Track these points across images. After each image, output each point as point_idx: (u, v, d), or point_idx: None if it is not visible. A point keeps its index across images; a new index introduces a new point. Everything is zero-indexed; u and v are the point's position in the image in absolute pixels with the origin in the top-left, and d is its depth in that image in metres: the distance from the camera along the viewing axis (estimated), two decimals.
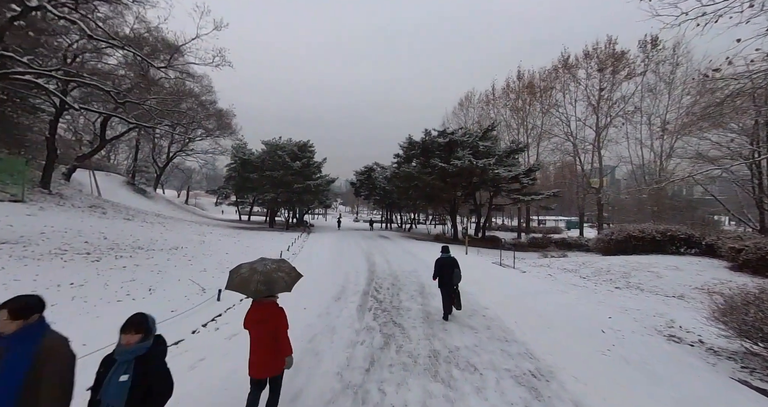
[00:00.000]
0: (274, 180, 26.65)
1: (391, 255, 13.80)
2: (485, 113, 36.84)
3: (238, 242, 15.33)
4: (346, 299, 6.91)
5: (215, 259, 10.19)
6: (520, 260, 13.82)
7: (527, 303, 6.90)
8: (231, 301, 6.55)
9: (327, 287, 7.90)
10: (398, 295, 7.32)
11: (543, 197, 21.74)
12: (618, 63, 24.08)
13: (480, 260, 13.71)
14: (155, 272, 7.59)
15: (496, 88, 35.76)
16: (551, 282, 9.42)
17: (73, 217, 11.82)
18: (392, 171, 27.27)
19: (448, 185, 22.93)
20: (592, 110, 26.67)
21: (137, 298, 5.84)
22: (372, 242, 19.78)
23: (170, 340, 4.58)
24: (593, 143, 27.90)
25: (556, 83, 29.23)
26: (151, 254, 9.23)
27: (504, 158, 23.41)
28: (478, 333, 5.08)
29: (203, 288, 6.88)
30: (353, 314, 5.88)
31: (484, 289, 8.05)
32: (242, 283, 2.79)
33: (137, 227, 13.38)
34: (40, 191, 13.79)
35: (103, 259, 7.82)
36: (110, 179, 29.86)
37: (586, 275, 10.26)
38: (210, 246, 12.42)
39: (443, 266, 5.84)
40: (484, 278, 9.46)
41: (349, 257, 12.84)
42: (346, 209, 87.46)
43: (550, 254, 17.26)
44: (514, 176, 22.21)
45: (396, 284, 8.37)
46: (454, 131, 23.38)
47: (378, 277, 9.24)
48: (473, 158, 20.12)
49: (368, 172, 35.48)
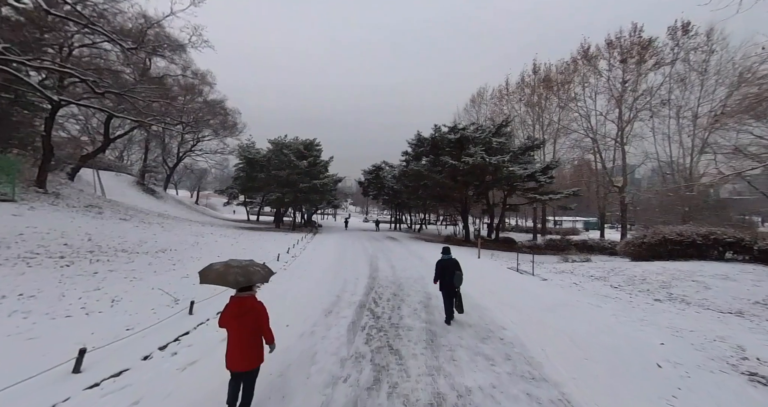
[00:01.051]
0: (279, 180, 26.04)
1: (396, 259, 12.78)
2: (498, 109, 35.33)
3: (236, 243, 14.62)
4: (338, 313, 5.94)
5: (202, 263, 9.39)
6: (539, 266, 12.56)
7: (554, 321, 5.76)
8: (204, 314, 5.68)
9: (319, 298, 6.95)
10: (399, 309, 6.30)
11: (562, 197, 20.26)
12: (644, 52, 22.30)
13: (494, 266, 12.53)
14: (129, 279, 6.82)
15: (510, 83, 34.25)
16: (578, 293, 8.20)
17: (62, 217, 11.29)
18: (400, 170, 26.21)
19: (459, 183, 21.72)
20: (615, 103, 24.89)
21: (92, 312, 5.03)
22: (378, 244, 18.79)
23: (109, 370, 3.61)
24: (615, 138, 26.10)
25: (574, 76, 27.53)
26: (132, 257, 8.51)
27: (519, 155, 22.02)
28: (496, 365, 4.01)
29: (176, 299, 6.04)
30: (342, 334, 4.90)
31: (501, 302, 6.93)
32: (219, 277, 2.88)
33: (131, 227, 12.81)
34: (35, 190, 13.41)
35: (75, 264, 7.12)
36: (120, 179, 29.93)
37: (618, 285, 8.96)
38: (203, 248, 11.70)
39: (444, 269, 5.64)
40: (500, 288, 8.33)
41: (350, 262, 11.90)
42: (357, 210, 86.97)
43: (571, 259, 15.86)
44: (530, 174, 20.81)
45: (398, 295, 7.35)
46: (465, 126, 22.13)
47: (379, 285, 8.24)
48: (486, 155, 18.86)
49: (376, 171, 34.53)
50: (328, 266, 10.92)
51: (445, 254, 5.79)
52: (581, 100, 27.33)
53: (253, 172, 28.06)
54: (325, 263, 11.51)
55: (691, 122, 22.46)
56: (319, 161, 29.17)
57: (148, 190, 31.62)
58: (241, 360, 2.83)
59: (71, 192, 15.57)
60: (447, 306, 5.57)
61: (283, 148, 26.85)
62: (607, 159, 27.86)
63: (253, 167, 28.10)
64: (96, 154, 20.36)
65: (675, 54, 22.22)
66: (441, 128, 21.97)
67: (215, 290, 7.07)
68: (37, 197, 12.71)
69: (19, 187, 13.10)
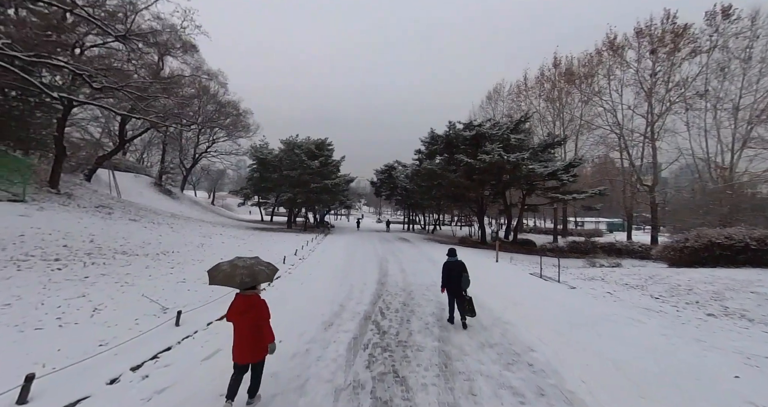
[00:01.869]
0: (291, 180, 25.79)
1: (408, 262, 12.03)
2: (516, 105, 33.94)
3: (243, 244, 14.27)
4: (339, 326, 5.28)
5: (204, 266, 8.97)
6: (564, 271, 11.51)
7: (591, 341, 4.88)
8: (193, 325, 5.15)
9: (321, 307, 6.32)
10: (408, 322, 5.57)
11: (586, 196, 18.91)
12: (679, 40, 20.60)
13: (514, 271, 11.57)
14: (120, 284, 6.40)
15: (528, 78, 32.80)
16: (614, 304, 7.21)
17: (70, 218, 11.18)
18: (413, 169, 25.41)
19: (475, 182, 20.72)
20: (645, 96, 23.21)
21: (68, 324, 4.56)
22: (390, 245, 18.09)
23: (63, 399, 3.00)
24: (644, 133, 24.37)
25: (599, 68, 25.91)
26: (131, 260, 8.16)
27: (539, 152, 20.78)
28: (527, 404, 3.22)
29: (164, 308, 5.54)
30: (341, 354, 4.22)
31: (526, 315, 6.07)
32: (226, 278, 2.99)
33: (139, 228, 12.64)
34: (48, 190, 13.48)
35: (68, 267, 6.78)
36: (139, 180, 30.44)
37: (660, 295, 7.89)
38: (207, 250, 11.34)
39: (451, 271, 5.50)
40: (523, 298, 7.45)
41: (359, 265, 11.25)
42: (370, 210, 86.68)
43: (598, 263, 14.64)
44: (551, 172, 19.57)
45: (408, 305, 6.62)
46: (481, 122, 21.12)
47: (388, 293, 7.53)
48: (504, 153, 17.82)
49: (389, 170, 33.84)
50: (335, 270, 10.30)
51: (451, 256, 5.69)
52: (606, 93, 25.73)
53: (266, 172, 27.98)
54: (332, 266, 10.90)
55: (732, 115, 20.57)
56: (330, 160, 28.77)
57: (165, 191, 32.09)
58: (246, 353, 3.02)
59: (84, 193, 15.67)
60: (451, 305, 5.54)
61: (294, 148, 26.60)
62: (636, 156, 26.11)
63: (265, 168, 28.03)
64: (112, 155, 20.63)
65: (713, 41, 20.41)
66: (456, 125, 21.05)
67: (210, 296, 6.57)
68: (48, 198, 12.73)
69: (32, 187, 13.19)
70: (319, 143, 28.36)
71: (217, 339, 4.69)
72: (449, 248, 6.01)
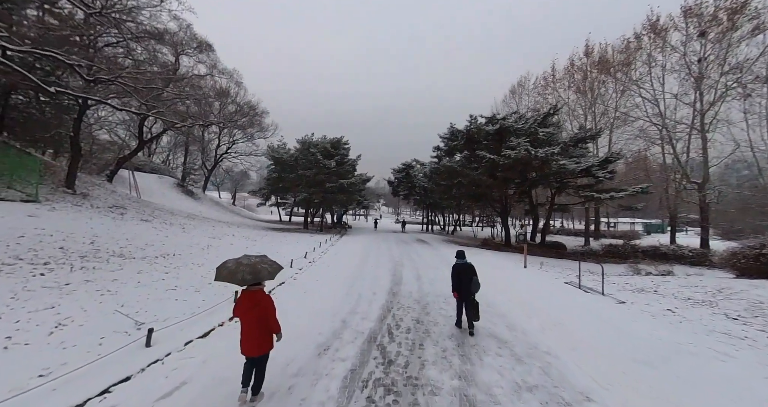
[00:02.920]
0: (307, 179, 25.31)
1: (425, 267, 10.93)
2: (543, 98, 31.77)
3: (253, 246, 13.71)
4: (336, 352, 4.33)
5: (203, 270, 8.35)
6: (605, 279, 10.00)
7: (671, 388, 3.63)
8: (167, 345, 4.37)
9: (321, 323, 5.41)
10: (422, 348, 4.53)
11: (626, 194, 16.94)
12: (736, 17, 18.11)
13: (547, 279, 10.18)
14: (101, 293, 5.79)
15: (557, 69, 30.61)
16: (681, 327, 5.80)
17: (79, 218, 10.98)
18: (432, 167, 24.16)
19: (498, 180, 19.23)
20: (693, 83, 20.73)
21: (17, 345, 3.90)
22: (407, 247, 17.02)
23: None
24: (691, 125, 21.79)
25: (638, 55, 23.51)
26: (125, 263, 7.64)
27: (570, 147, 18.98)
28: None
29: (139, 323, 4.82)
30: (332, 396, 3.26)
31: (572, 342, 4.86)
32: (229, 274, 3.08)
33: (148, 229, 12.36)
34: (63, 191, 13.51)
35: (53, 272, 6.27)
36: (162, 181, 31.13)
37: (738, 315, 6.35)
38: (212, 252, 10.78)
39: (461, 274, 5.33)
40: (563, 315, 6.18)
41: (371, 270, 10.29)
42: (389, 211, 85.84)
43: (644, 270, 12.87)
44: (584, 168, 17.74)
45: (422, 322, 5.57)
46: (505, 116, 19.59)
47: (400, 306, 6.51)
48: (531, 147, 16.28)
49: (406, 169, 32.72)
50: (345, 276, 9.40)
51: (460, 259, 5.55)
52: (646, 82, 23.28)
53: (283, 172, 27.74)
54: (341, 272, 10.01)
55: None
56: (346, 159, 28.09)
57: (187, 192, 32.66)
58: (252, 346, 3.12)
59: (101, 193, 15.72)
60: (459, 309, 5.40)
61: (309, 147, 26.12)
62: (680, 150, 23.45)
63: (282, 168, 27.79)
64: (132, 156, 20.91)
65: None
66: (477, 119, 19.64)
67: (199, 306, 5.83)
68: (62, 198, 12.68)
69: (48, 188, 13.26)
70: (334, 142, 27.74)
71: (190, 366, 3.88)
72: (458, 250, 5.79)
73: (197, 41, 20.42)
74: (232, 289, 6.78)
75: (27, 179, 12.03)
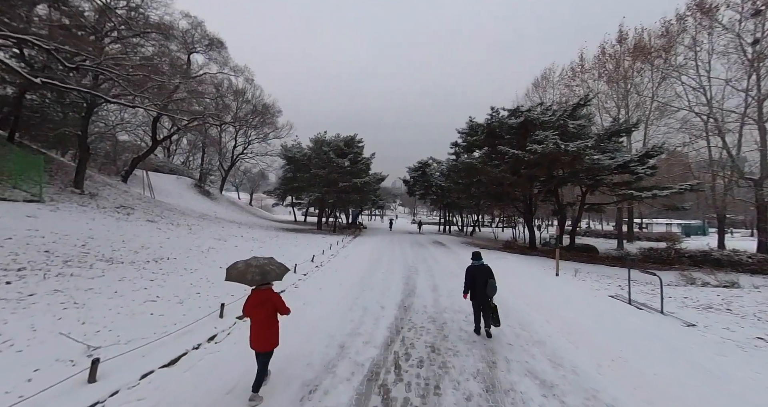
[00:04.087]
0: (320, 179, 24.61)
1: (442, 275, 9.76)
2: (569, 91, 29.57)
3: (259, 248, 12.99)
4: (325, 394, 3.30)
5: (195, 277, 7.57)
6: (651, 290, 8.46)
7: None
8: (118, 379, 3.50)
9: (312, 350, 4.41)
10: (438, 393, 3.42)
11: (672, 192, 14.97)
12: None
13: (586, 292, 8.74)
14: (65, 306, 5.05)
15: (585, 59, 28.39)
16: None
17: (80, 219, 10.58)
18: (449, 164, 22.80)
19: (522, 178, 17.67)
20: (747, 67, 18.32)
21: None
22: (422, 251, 15.85)
23: None
24: (744, 114, 19.30)
25: (681, 38, 21.19)
26: (110, 269, 6.96)
27: (605, 140, 17.15)
28: None
29: (91, 348, 3.98)
30: None
31: (646, 390, 3.57)
32: (239, 275, 3.30)
33: (151, 230, 11.87)
34: (71, 191, 13.31)
35: (23, 280, 5.63)
36: (181, 182, 31.38)
37: None
38: (212, 256, 10.08)
39: (475, 276, 5.07)
40: (622, 345, 4.84)
41: (381, 277, 9.24)
42: (405, 211, 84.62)
43: (699, 280, 11.09)
44: (621, 164, 15.93)
45: (439, 351, 4.45)
46: (530, 107, 18.01)
47: (411, 325, 5.42)
48: (560, 141, 14.69)
49: (422, 167, 31.44)
50: (352, 283, 8.40)
51: (476, 260, 5.33)
52: (690, 67, 20.91)
53: (297, 172, 27.21)
54: (349, 278, 9.02)
55: None
56: (360, 158, 27.19)
57: (204, 192, 32.81)
58: (261, 342, 3.32)
59: (112, 193, 15.52)
60: (477, 314, 5.15)
61: (322, 145, 25.40)
62: (731, 144, 20.87)
63: (297, 167, 27.27)
64: (146, 156, 20.91)
65: None
66: (499, 112, 18.16)
67: (176, 323, 4.97)
68: (68, 198, 12.42)
69: (56, 187, 13.10)
70: (348, 140, 26.90)
71: None
72: (473, 252, 5.56)
73: (209, 39, 20.11)
74: (220, 301, 5.93)
75: (35, 178, 11.80)
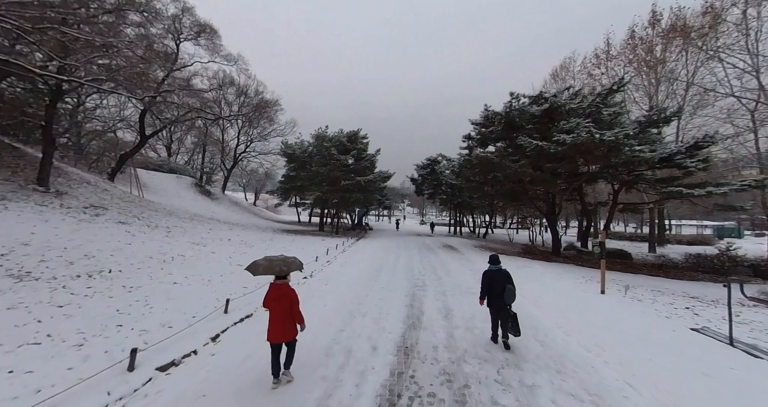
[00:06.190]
0: (321, 177, 22.85)
1: (456, 291, 7.74)
2: (593, 80, 27.00)
3: (243, 255, 11.23)
4: None
5: (125, 300, 5.78)
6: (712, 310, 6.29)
7: None
8: None
9: None
10: None
11: (732, 189, 12.52)
12: None
13: (655, 322, 6.56)
14: None
15: (612, 44, 25.75)
16: None
17: (28, 220, 9.00)
18: (461, 160, 20.66)
19: (546, 173, 15.44)
20: None
21: None
22: (431, 257, 13.84)
23: None
24: None
25: (727, 14, 18.55)
26: (11, 289, 5.23)
27: (644, 129, 14.77)
28: None
29: None
30: None
31: None
32: (266, 269, 3.62)
33: (117, 233, 10.24)
34: (34, 188, 11.81)
35: None
36: (181, 181, 30.15)
37: None
38: (171, 267, 8.31)
39: (492, 282, 4.79)
40: None
41: (379, 295, 7.30)
42: (413, 211, 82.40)
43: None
44: (665, 156, 13.58)
45: None
46: (555, 93, 15.78)
47: (416, 390, 3.45)
48: (595, 129, 12.46)
49: (431, 165, 29.33)
50: (338, 306, 6.49)
51: (494, 264, 4.93)
52: (743, 51, 18.26)
53: (298, 170, 25.56)
54: (337, 297, 7.12)
55: None
56: (364, 155, 25.34)
57: (205, 192, 31.50)
58: (280, 333, 3.53)
59: (85, 191, 14.01)
60: (494, 321, 4.81)
61: (323, 141, 23.62)
62: None
63: (298, 165, 25.63)
64: (133, 153, 19.53)
65: None
66: (519, 99, 15.98)
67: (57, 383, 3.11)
68: (27, 196, 10.88)
69: (16, 184, 11.64)
70: (351, 135, 25.06)
71: None
72: (491, 255, 5.09)
73: (198, 25, 18.54)
74: (143, 340, 4.09)
75: None
